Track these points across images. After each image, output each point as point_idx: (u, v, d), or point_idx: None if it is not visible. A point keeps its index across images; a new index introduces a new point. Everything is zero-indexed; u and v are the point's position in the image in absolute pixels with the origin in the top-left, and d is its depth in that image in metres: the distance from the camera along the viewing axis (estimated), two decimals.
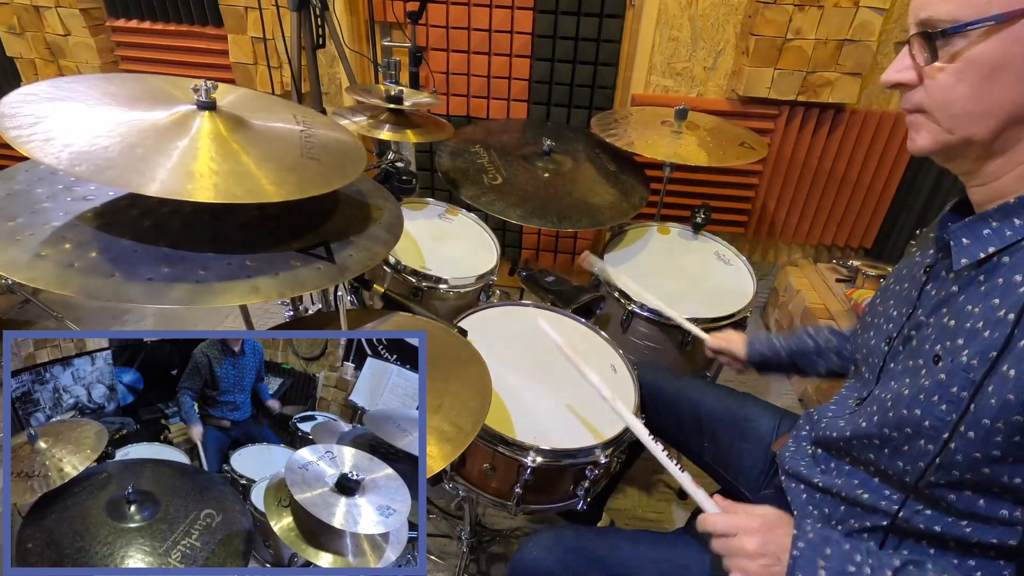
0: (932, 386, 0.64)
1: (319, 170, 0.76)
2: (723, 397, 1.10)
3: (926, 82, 0.62)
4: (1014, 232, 0.61)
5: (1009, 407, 0.57)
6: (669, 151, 1.57)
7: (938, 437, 0.63)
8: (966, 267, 0.65)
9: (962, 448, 0.61)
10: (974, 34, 0.56)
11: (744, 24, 2.01)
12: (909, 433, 0.66)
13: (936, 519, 0.68)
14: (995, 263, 0.63)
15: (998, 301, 0.60)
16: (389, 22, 2.23)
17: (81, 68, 2.37)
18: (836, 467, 0.79)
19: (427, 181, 2.45)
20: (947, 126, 0.62)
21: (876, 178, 2.24)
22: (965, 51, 0.57)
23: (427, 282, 1.35)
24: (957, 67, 0.58)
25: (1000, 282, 0.60)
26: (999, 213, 0.63)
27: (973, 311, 0.63)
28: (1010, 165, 0.61)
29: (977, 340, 0.61)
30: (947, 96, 0.60)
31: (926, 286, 0.73)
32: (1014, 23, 0.54)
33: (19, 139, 0.61)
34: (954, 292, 0.67)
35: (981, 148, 0.62)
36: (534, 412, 1.05)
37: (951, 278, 0.68)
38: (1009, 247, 0.61)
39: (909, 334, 0.73)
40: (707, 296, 1.47)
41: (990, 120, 0.59)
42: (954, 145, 0.63)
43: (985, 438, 0.59)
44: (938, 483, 0.65)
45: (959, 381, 0.61)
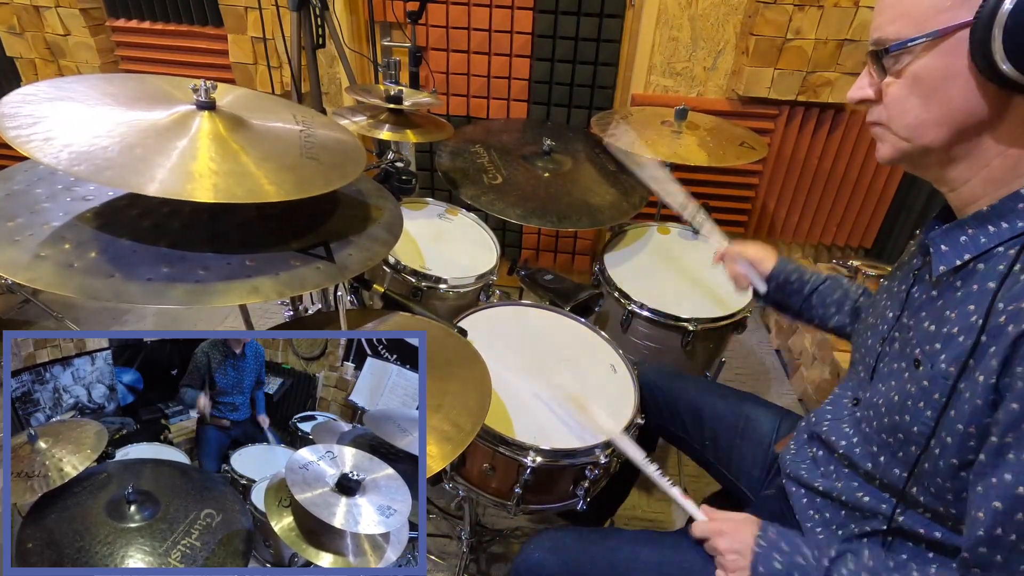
0: (917, 392, 0.66)
1: (319, 170, 0.76)
2: (724, 397, 1.10)
3: (883, 97, 0.65)
4: (988, 239, 0.63)
5: (978, 411, 0.58)
6: (669, 151, 1.57)
7: (924, 442, 0.65)
8: (944, 273, 0.67)
9: (942, 454, 0.63)
10: (917, 50, 0.60)
11: (744, 24, 2.01)
12: (901, 439, 0.68)
13: (931, 525, 0.69)
14: (971, 270, 0.65)
15: (972, 307, 0.62)
16: (389, 22, 2.23)
17: (81, 68, 2.37)
18: (836, 471, 0.80)
19: (427, 181, 2.45)
20: (904, 136, 0.65)
21: (876, 178, 2.24)
22: (911, 66, 0.61)
23: (427, 282, 1.35)
24: (906, 81, 0.62)
25: (975, 288, 0.62)
26: (974, 220, 0.65)
27: (950, 316, 0.64)
28: (973, 170, 0.63)
29: (952, 345, 0.62)
30: (901, 108, 0.64)
31: (912, 289, 0.75)
32: (949, 38, 0.58)
33: (19, 139, 0.61)
34: (934, 296, 0.69)
35: (940, 155, 0.64)
36: (534, 412, 1.05)
37: (933, 283, 0.70)
38: (983, 254, 0.63)
39: (894, 336, 0.75)
40: (707, 296, 1.47)
41: (943, 128, 0.62)
42: (913, 153, 0.66)
43: (961, 443, 0.61)
44: (928, 489, 0.66)
45: (939, 387, 0.63)
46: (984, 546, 0.57)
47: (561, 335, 1.26)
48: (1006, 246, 0.61)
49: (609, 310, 1.48)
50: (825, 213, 2.34)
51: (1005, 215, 0.62)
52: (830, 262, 2.37)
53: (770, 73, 2.00)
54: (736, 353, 2.27)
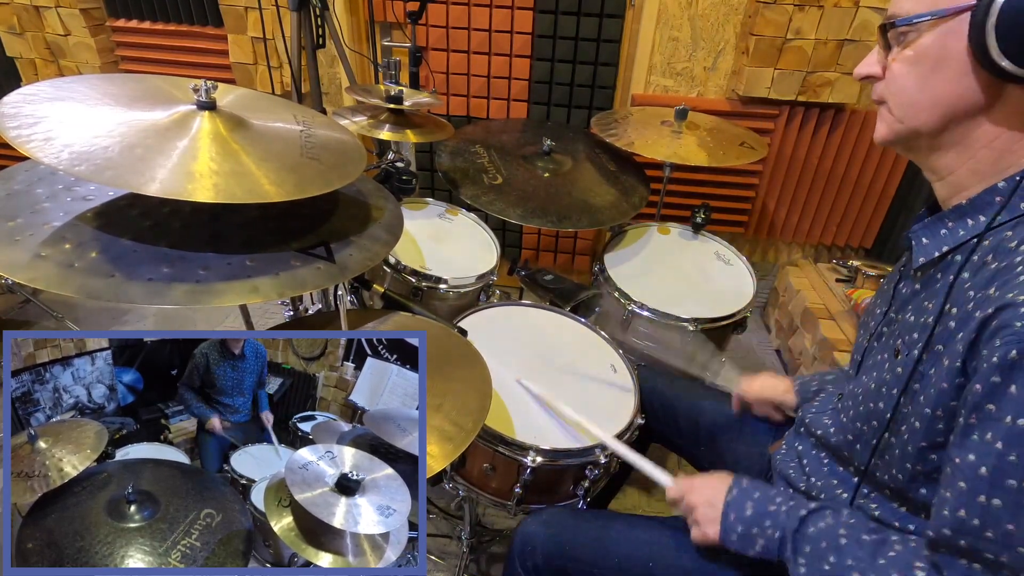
0: (892, 379, 0.67)
1: (319, 170, 0.76)
2: (721, 401, 1.10)
3: (886, 73, 0.66)
4: (966, 232, 0.64)
5: (944, 394, 0.59)
6: (669, 151, 1.57)
7: (897, 429, 0.66)
8: (925, 265, 0.68)
9: (911, 439, 0.63)
10: (923, 28, 0.60)
11: (744, 24, 2.01)
12: (875, 426, 0.69)
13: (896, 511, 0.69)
14: (949, 261, 0.66)
15: (945, 296, 0.62)
16: (389, 22, 2.23)
17: (81, 68, 2.37)
18: (818, 467, 0.81)
19: (427, 181, 2.45)
20: (898, 115, 0.66)
21: (876, 178, 2.24)
22: (914, 44, 0.62)
23: (427, 282, 1.35)
24: (908, 59, 0.63)
25: (951, 279, 0.63)
26: (954, 214, 0.66)
27: (928, 307, 0.65)
28: (962, 159, 0.64)
29: (926, 334, 0.63)
30: (899, 85, 0.64)
31: (899, 284, 0.76)
32: (952, 18, 0.58)
33: (19, 139, 0.61)
34: (917, 290, 0.70)
35: (929, 139, 0.65)
36: (534, 412, 1.05)
37: (917, 276, 0.71)
38: (960, 246, 0.64)
39: (882, 331, 0.76)
40: (707, 296, 1.47)
41: (934, 111, 0.62)
42: (904, 135, 0.66)
43: (928, 427, 0.61)
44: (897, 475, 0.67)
45: (914, 374, 0.63)
46: (948, 528, 0.56)
47: (561, 335, 1.26)
48: (980, 237, 0.62)
49: (609, 310, 1.48)
50: (825, 213, 2.34)
51: (982, 208, 0.63)
52: (830, 262, 2.38)
53: (770, 73, 2.00)
54: (736, 353, 2.27)
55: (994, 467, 0.52)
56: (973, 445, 0.54)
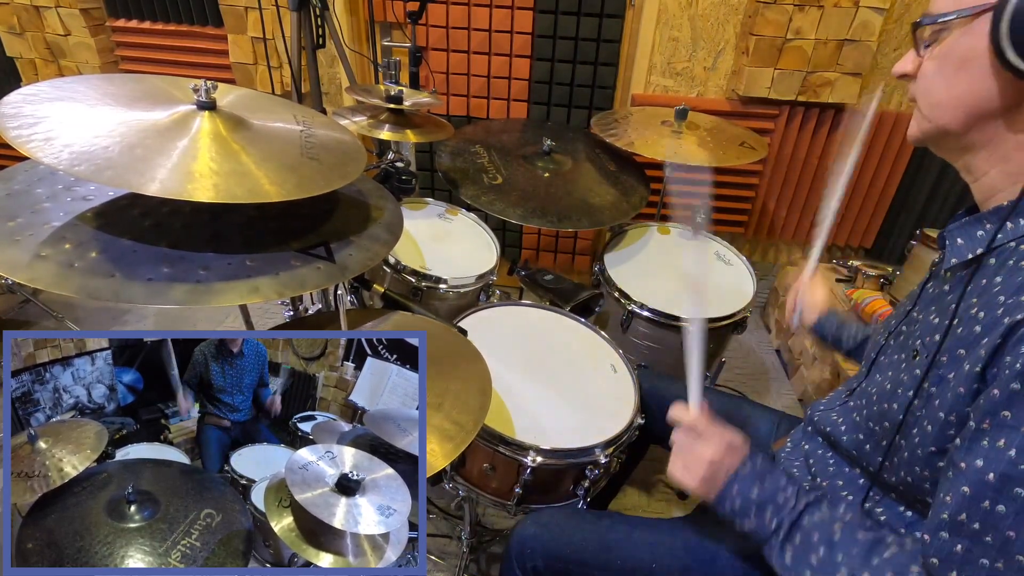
0: (908, 380, 0.66)
1: (319, 170, 0.76)
2: (722, 401, 1.10)
3: (918, 72, 0.66)
4: (1004, 235, 0.62)
5: (960, 399, 0.58)
6: (669, 151, 1.57)
7: (907, 432, 0.65)
8: (957, 266, 0.66)
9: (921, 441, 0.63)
10: (953, 26, 0.60)
11: (744, 24, 2.01)
12: (887, 427, 0.68)
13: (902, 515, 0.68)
14: (983, 264, 0.64)
15: (975, 300, 0.61)
16: (389, 22, 2.23)
17: (81, 68, 2.37)
18: (824, 467, 0.80)
19: (427, 181, 2.45)
20: (926, 114, 0.65)
21: (876, 178, 2.24)
22: (943, 42, 0.61)
23: (427, 282, 1.35)
24: (937, 57, 0.62)
25: (983, 283, 0.61)
26: (993, 215, 0.64)
27: (953, 309, 0.64)
28: (993, 160, 0.63)
29: (951, 337, 0.62)
30: (928, 84, 0.64)
31: (927, 283, 0.75)
32: (977, 18, 0.57)
33: (19, 139, 0.61)
34: (945, 291, 0.69)
35: (957, 140, 0.64)
36: (534, 412, 1.05)
37: (946, 276, 0.69)
38: (996, 249, 0.62)
39: (901, 329, 0.75)
40: (707, 296, 1.47)
41: (960, 111, 0.62)
42: (933, 135, 0.66)
43: (940, 431, 0.60)
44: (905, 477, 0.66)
45: (931, 377, 0.62)
46: (946, 531, 0.55)
47: (561, 335, 1.26)
48: (1018, 241, 0.60)
49: (609, 310, 1.48)
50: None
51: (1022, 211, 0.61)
52: (830, 262, 2.37)
53: (770, 73, 2.00)
54: (736, 353, 2.27)
55: (1003, 474, 0.51)
56: (982, 450, 0.54)
